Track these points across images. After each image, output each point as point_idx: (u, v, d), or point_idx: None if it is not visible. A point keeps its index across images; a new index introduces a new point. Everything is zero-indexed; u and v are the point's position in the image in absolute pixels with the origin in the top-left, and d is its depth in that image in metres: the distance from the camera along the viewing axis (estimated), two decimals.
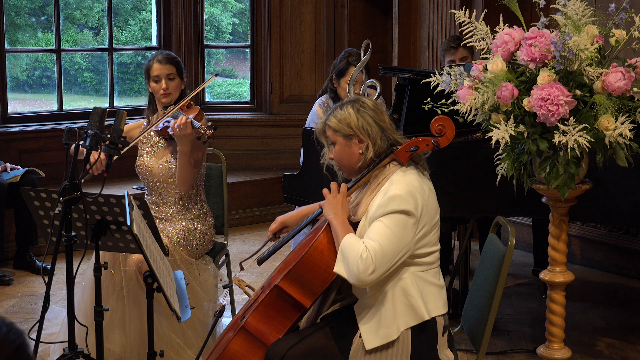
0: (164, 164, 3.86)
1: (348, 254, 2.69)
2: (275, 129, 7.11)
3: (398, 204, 2.72)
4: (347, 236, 2.73)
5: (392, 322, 2.77)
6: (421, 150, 2.86)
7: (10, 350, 1.39)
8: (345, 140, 2.87)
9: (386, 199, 2.74)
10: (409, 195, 2.74)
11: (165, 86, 3.87)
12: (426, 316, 2.79)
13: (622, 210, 3.74)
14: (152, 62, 3.91)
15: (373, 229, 2.73)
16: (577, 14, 3.04)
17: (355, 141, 2.86)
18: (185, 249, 3.82)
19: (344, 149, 2.88)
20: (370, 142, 2.85)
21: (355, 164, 2.89)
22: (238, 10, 7.63)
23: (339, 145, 2.89)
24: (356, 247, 2.69)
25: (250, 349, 2.83)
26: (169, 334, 3.67)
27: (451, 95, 3.21)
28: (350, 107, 2.89)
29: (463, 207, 3.96)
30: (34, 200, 3.09)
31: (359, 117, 2.86)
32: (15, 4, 6.73)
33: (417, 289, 2.80)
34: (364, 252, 2.66)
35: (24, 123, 6.37)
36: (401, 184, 2.78)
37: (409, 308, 2.78)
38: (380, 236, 2.69)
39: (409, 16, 6.25)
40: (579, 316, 4.58)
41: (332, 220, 2.80)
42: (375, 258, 2.66)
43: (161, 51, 4.02)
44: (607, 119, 2.98)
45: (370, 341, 2.77)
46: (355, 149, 2.86)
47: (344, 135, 2.87)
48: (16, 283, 5.15)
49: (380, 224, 2.72)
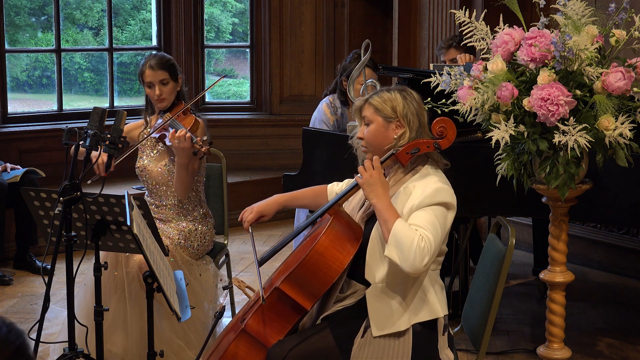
0: (163, 167, 3.85)
1: (403, 241, 2.65)
2: (275, 129, 7.11)
3: (445, 196, 2.75)
4: (398, 221, 2.69)
5: (403, 314, 2.78)
6: (422, 152, 2.86)
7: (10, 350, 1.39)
8: (385, 121, 2.87)
9: (432, 190, 2.75)
10: (451, 189, 2.80)
11: (159, 92, 3.82)
12: (440, 313, 2.81)
13: (622, 210, 3.74)
14: (144, 68, 3.85)
15: (422, 218, 2.71)
16: (577, 14, 3.04)
17: (394, 126, 2.87)
18: (187, 250, 3.82)
19: (380, 129, 2.87)
20: (408, 130, 2.86)
21: (384, 147, 2.87)
22: (238, 10, 7.63)
23: (376, 124, 2.88)
24: (411, 235, 2.65)
25: (251, 351, 2.83)
26: (170, 335, 3.67)
27: (451, 95, 3.21)
28: (398, 93, 2.90)
29: (463, 207, 3.94)
30: (34, 200, 3.09)
31: (405, 104, 2.87)
32: (15, 4, 6.73)
33: (431, 285, 2.82)
34: (422, 242, 2.64)
35: (24, 123, 6.37)
36: (439, 177, 2.83)
37: (425, 303, 2.80)
38: (432, 226, 2.69)
39: (409, 16, 6.25)
40: (579, 316, 4.58)
41: (376, 204, 2.76)
42: (431, 248, 2.65)
43: (154, 54, 3.95)
44: (607, 119, 2.98)
45: (376, 328, 2.77)
46: (391, 133, 2.87)
47: (384, 116, 2.87)
48: (16, 283, 5.15)
49: (429, 214, 2.71)
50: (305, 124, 5.04)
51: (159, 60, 3.87)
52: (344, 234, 2.81)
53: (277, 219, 6.65)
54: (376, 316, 2.78)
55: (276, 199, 3.20)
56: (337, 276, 2.78)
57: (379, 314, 2.79)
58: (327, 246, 2.77)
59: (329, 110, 4.88)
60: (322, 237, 2.78)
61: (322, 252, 2.77)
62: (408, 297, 2.79)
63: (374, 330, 2.78)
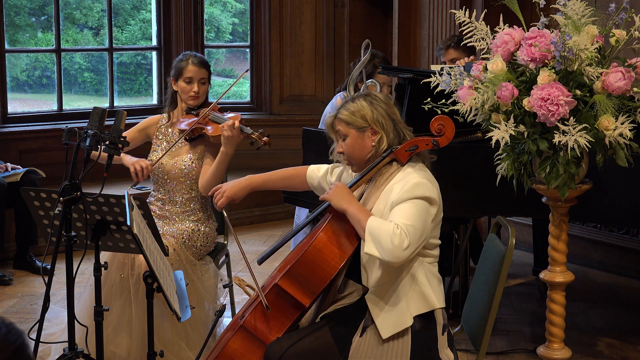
0: (179, 162, 3.87)
1: (378, 233, 2.65)
2: (275, 129, 7.09)
3: (423, 190, 2.75)
4: (370, 218, 2.70)
5: (405, 310, 2.78)
6: (421, 150, 2.87)
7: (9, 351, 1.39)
8: (359, 132, 2.88)
9: (411, 185, 2.75)
10: (431, 184, 2.79)
11: (197, 89, 3.91)
12: (436, 304, 2.81)
13: (622, 210, 3.74)
14: (186, 63, 3.92)
15: (399, 211, 2.71)
16: (577, 14, 3.04)
17: (369, 133, 2.87)
18: (190, 250, 3.83)
19: (356, 141, 2.88)
20: (384, 134, 2.86)
21: (366, 157, 2.89)
22: (238, 10, 7.63)
23: (351, 138, 2.89)
24: (386, 226, 2.66)
25: (250, 348, 2.83)
26: (171, 336, 3.67)
27: (451, 95, 3.21)
28: (363, 99, 2.90)
29: (463, 207, 3.96)
30: (34, 200, 3.08)
31: (373, 109, 2.87)
32: (15, 4, 6.72)
33: (426, 278, 2.83)
34: (397, 229, 2.64)
35: (24, 123, 6.37)
36: (420, 174, 2.81)
37: (420, 295, 2.80)
38: (409, 214, 2.69)
39: (409, 16, 6.25)
40: (579, 316, 4.58)
41: (347, 209, 2.78)
42: (409, 232, 2.64)
43: (194, 53, 4.05)
44: (607, 119, 2.98)
45: (386, 330, 2.77)
46: (368, 142, 2.87)
47: (357, 127, 2.88)
48: (16, 283, 5.15)
49: (406, 206, 2.71)
50: (305, 124, 5.04)
51: (201, 59, 3.99)
52: (342, 231, 2.82)
53: (277, 219, 6.66)
54: (382, 320, 2.78)
55: (248, 183, 3.22)
56: (335, 272, 2.79)
57: (384, 317, 2.79)
58: (326, 242, 2.78)
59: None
60: (321, 233, 2.80)
61: (320, 248, 2.78)
62: (407, 293, 2.80)
63: (383, 333, 2.77)
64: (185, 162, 3.86)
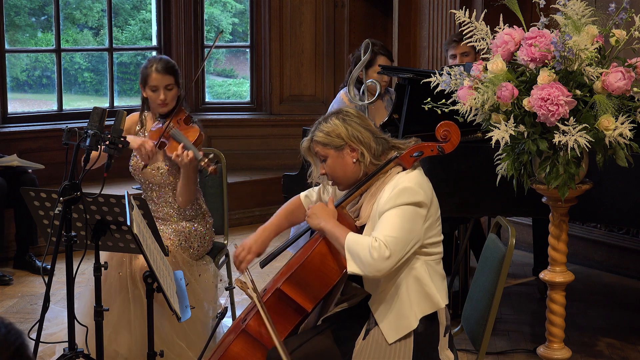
0: (156, 170, 3.83)
1: (356, 249, 2.65)
2: (275, 129, 7.10)
3: (409, 196, 2.71)
4: (348, 235, 2.69)
5: (410, 312, 2.76)
6: (426, 156, 2.86)
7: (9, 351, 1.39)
8: (337, 152, 2.84)
9: (396, 191, 2.72)
10: (418, 187, 2.75)
11: (163, 97, 3.77)
12: (441, 304, 2.80)
13: (622, 210, 3.74)
14: (149, 71, 3.78)
15: (383, 221, 2.69)
16: (577, 14, 3.04)
17: (348, 151, 2.83)
18: (187, 251, 3.82)
19: (336, 161, 2.84)
20: (364, 149, 2.82)
21: (350, 174, 2.85)
22: (238, 10, 7.63)
23: (330, 159, 2.85)
24: (363, 240, 2.66)
25: (251, 352, 2.82)
26: (171, 336, 3.67)
27: (451, 95, 3.21)
28: (335, 118, 2.86)
29: (463, 207, 3.96)
30: (34, 200, 3.08)
31: (347, 126, 2.83)
32: (15, 4, 6.72)
33: (430, 277, 2.80)
34: (375, 242, 2.62)
35: (24, 123, 6.37)
36: (409, 176, 2.78)
37: (424, 296, 2.78)
38: (391, 226, 2.66)
39: (409, 16, 6.25)
40: (579, 316, 4.58)
41: (323, 227, 2.76)
42: (388, 244, 2.62)
43: (158, 58, 3.89)
44: (607, 119, 2.98)
45: (391, 335, 2.76)
46: (349, 159, 2.83)
47: (335, 147, 2.83)
48: (16, 283, 5.15)
49: (390, 215, 2.69)
50: (305, 124, 5.03)
51: (166, 64, 3.81)
52: None
53: None
54: (388, 323, 2.77)
55: (267, 235, 3.09)
56: (338, 278, 2.77)
57: (389, 320, 2.78)
58: (329, 248, 2.77)
59: (347, 98, 4.88)
60: (324, 238, 2.79)
61: (324, 253, 2.77)
62: (410, 295, 2.78)
63: (389, 337, 2.76)
64: (162, 169, 3.82)
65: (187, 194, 3.76)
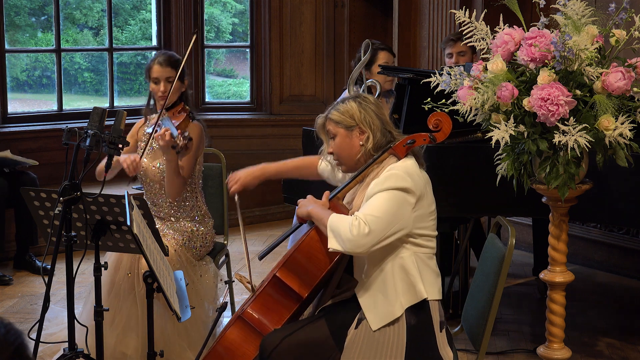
0: (157, 166, 3.84)
1: (337, 227, 2.73)
2: (275, 129, 7.10)
3: (394, 181, 2.79)
4: (331, 216, 2.78)
5: (394, 300, 2.80)
6: (418, 145, 2.91)
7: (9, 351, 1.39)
8: (347, 131, 2.94)
9: (382, 177, 2.82)
10: (405, 174, 2.82)
11: (163, 89, 3.81)
12: (424, 295, 2.82)
13: (622, 210, 3.74)
14: (152, 63, 3.86)
15: (368, 203, 2.79)
16: (577, 14, 3.04)
17: (357, 132, 2.94)
18: (190, 251, 3.82)
19: (344, 140, 2.95)
20: (371, 134, 2.92)
21: (354, 156, 2.95)
22: (238, 10, 7.63)
23: (339, 137, 2.96)
24: (345, 219, 2.75)
25: (247, 338, 2.86)
26: (173, 337, 3.67)
27: (451, 95, 3.21)
28: (353, 101, 2.98)
29: (463, 207, 3.96)
30: (34, 200, 3.09)
31: (362, 109, 2.95)
32: (15, 4, 6.72)
33: (417, 269, 2.83)
34: (355, 220, 2.72)
35: (24, 123, 6.37)
36: (398, 165, 2.86)
37: (408, 286, 2.82)
38: (373, 206, 2.76)
39: (409, 16, 6.25)
40: (579, 316, 4.58)
41: (310, 212, 2.88)
42: (368, 221, 2.71)
43: (164, 52, 3.96)
44: (607, 119, 2.98)
45: (375, 322, 2.80)
46: (356, 141, 2.93)
47: (345, 126, 2.94)
48: (16, 283, 5.15)
49: (375, 197, 2.78)
50: (305, 124, 5.03)
51: (168, 57, 3.88)
52: None
53: (277, 219, 6.67)
54: (371, 310, 2.81)
55: (262, 172, 3.30)
56: (331, 262, 2.82)
57: (372, 307, 2.82)
58: (321, 233, 2.83)
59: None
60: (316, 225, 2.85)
61: (317, 238, 2.84)
62: (396, 283, 2.81)
63: (373, 325, 2.80)
64: (161, 164, 3.83)
65: (171, 186, 3.75)
